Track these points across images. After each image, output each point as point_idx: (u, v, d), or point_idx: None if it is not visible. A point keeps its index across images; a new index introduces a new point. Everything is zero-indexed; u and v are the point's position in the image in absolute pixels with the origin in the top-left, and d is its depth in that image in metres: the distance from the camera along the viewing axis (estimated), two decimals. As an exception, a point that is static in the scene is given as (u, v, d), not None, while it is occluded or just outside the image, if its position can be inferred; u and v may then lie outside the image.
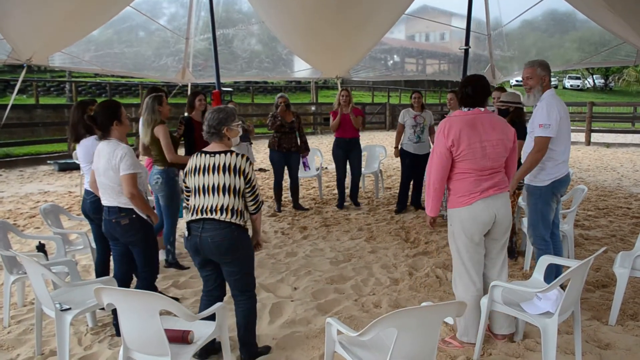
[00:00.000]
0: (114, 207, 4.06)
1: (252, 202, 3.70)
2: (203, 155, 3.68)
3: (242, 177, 3.58)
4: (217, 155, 3.62)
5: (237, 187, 3.57)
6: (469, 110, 3.94)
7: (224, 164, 3.57)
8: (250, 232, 3.81)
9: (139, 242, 4.15)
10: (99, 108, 4.12)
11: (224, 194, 3.56)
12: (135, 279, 4.52)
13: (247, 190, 3.63)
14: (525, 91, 4.86)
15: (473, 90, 3.92)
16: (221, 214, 3.55)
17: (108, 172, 3.99)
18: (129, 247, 4.22)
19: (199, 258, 3.71)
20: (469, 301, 3.96)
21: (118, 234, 4.11)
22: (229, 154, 3.62)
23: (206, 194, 3.59)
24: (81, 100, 4.99)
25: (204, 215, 3.58)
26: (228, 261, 3.65)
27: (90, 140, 4.65)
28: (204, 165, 3.63)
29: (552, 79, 4.89)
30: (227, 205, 3.56)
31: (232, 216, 3.56)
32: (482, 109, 3.92)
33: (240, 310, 3.81)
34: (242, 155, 3.65)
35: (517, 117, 5.73)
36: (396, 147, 8.60)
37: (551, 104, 4.55)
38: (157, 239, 4.50)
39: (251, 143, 8.52)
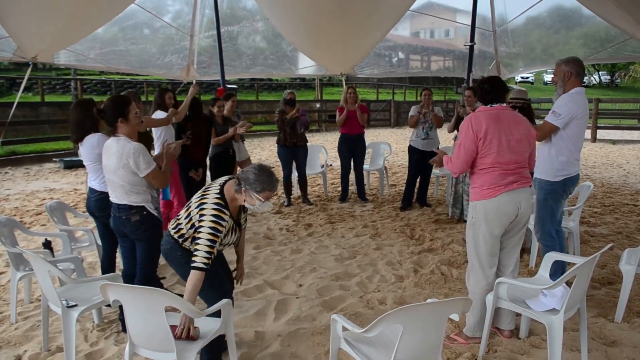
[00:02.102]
0: (124, 205, 4.02)
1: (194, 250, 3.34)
2: None
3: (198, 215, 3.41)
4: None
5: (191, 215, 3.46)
6: (491, 106, 3.99)
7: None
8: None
9: (147, 239, 4.14)
10: (108, 102, 4.05)
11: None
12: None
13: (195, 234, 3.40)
14: None
15: (491, 87, 3.99)
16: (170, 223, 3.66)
17: (119, 171, 3.93)
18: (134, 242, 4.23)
19: None
20: (478, 295, 3.99)
21: (127, 230, 4.09)
22: (219, 181, 3.58)
23: None
24: (80, 99, 4.96)
25: None
26: None
27: (94, 138, 4.59)
28: None
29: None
30: (179, 218, 3.59)
31: (174, 229, 3.57)
32: (504, 105, 4.00)
33: None
34: (217, 198, 3.41)
35: (526, 113, 5.71)
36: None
37: (574, 99, 4.59)
38: (162, 236, 4.52)
39: (243, 140, 8.54)
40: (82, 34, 8.73)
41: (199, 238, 3.28)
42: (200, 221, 3.32)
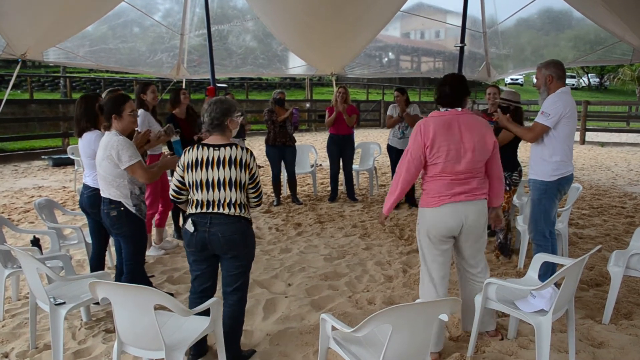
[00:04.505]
0: (106, 199, 4.16)
1: (255, 197, 3.67)
2: (205, 148, 3.55)
3: (247, 172, 3.53)
4: (222, 149, 3.51)
5: (243, 181, 3.52)
6: (446, 110, 3.81)
7: (230, 158, 3.48)
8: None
9: (127, 235, 4.22)
10: (106, 99, 4.20)
11: (230, 188, 3.49)
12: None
13: (251, 185, 3.60)
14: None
15: (451, 89, 3.78)
16: (229, 208, 3.50)
17: (103, 162, 4.05)
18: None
19: (203, 254, 3.62)
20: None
21: (108, 225, 4.21)
22: (234, 147, 3.52)
23: (211, 188, 3.50)
24: (85, 95, 4.93)
25: (212, 210, 3.52)
26: (234, 255, 3.59)
27: (93, 134, 4.60)
28: (208, 158, 3.51)
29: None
30: (235, 200, 3.51)
31: (240, 210, 3.54)
32: (460, 109, 3.80)
33: (227, 310, 3.73)
34: (247, 149, 3.58)
35: (516, 116, 5.72)
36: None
37: (562, 98, 4.63)
38: (146, 234, 4.53)
39: (245, 138, 8.55)
40: (72, 32, 8.67)
41: (257, 181, 3.67)
42: (252, 174, 3.61)
